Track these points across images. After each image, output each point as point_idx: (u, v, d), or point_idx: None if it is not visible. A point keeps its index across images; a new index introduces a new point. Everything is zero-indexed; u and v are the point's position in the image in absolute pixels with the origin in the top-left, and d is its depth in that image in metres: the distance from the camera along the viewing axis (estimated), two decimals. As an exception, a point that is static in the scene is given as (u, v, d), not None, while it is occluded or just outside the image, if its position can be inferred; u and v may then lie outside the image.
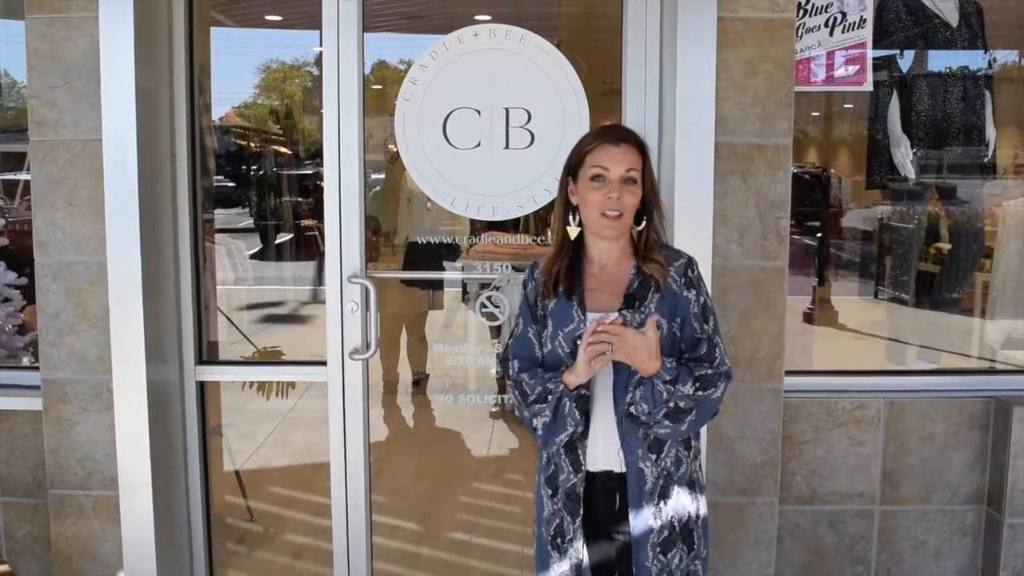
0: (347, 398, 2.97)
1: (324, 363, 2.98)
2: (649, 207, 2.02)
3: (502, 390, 3.68)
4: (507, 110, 2.90)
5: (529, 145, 2.89)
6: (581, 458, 2.02)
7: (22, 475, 2.97)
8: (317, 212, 7.14)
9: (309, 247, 6.88)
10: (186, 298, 2.99)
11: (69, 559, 2.90)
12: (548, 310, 2.05)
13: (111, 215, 2.73)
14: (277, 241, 6.97)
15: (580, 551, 2.05)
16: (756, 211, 2.73)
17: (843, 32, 2.92)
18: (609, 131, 2.07)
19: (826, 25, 2.92)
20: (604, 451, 2.02)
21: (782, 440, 2.83)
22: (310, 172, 7.02)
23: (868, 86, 2.97)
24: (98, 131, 2.72)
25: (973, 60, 3.35)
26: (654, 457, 1.99)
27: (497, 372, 3.41)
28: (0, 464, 2.98)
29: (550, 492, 2.08)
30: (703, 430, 2.68)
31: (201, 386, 3.05)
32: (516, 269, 3.02)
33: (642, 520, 2.01)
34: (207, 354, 3.11)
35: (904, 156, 3.25)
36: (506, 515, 3.84)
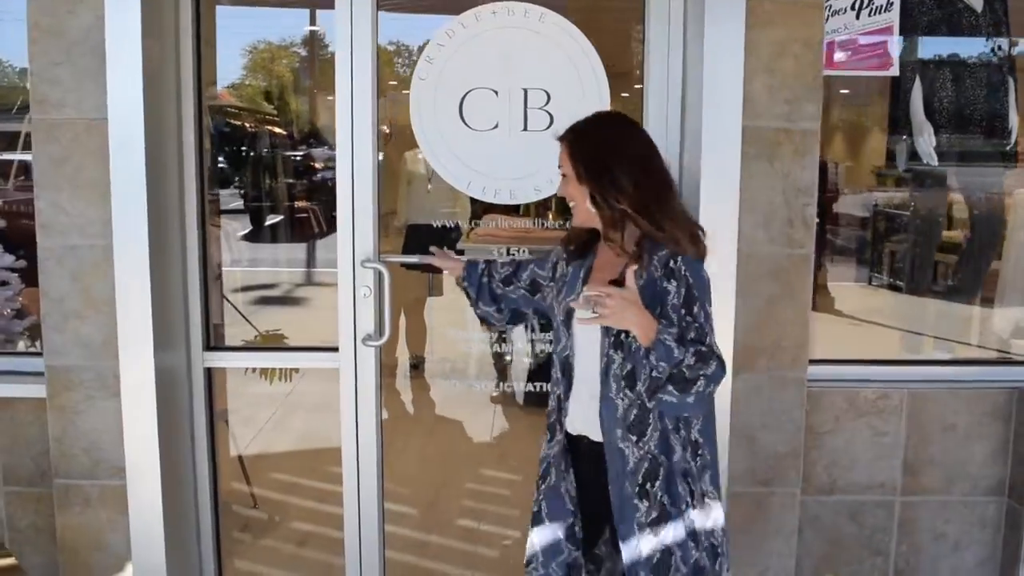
0: (359, 385, 2.90)
1: (336, 349, 2.90)
2: (588, 188, 2.06)
3: (502, 375, 3.65)
4: (525, 91, 2.82)
5: (548, 127, 2.81)
6: (564, 416, 2.17)
7: (25, 464, 2.88)
8: (311, 194, 7.06)
9: (303, 229, 6.80)
10: (193, 281, 2.91)
11: (76, 550, 2.83)
12: (562, 274, 2.25)
13: (117, 196, 2.64)
14: (268, 223, 6.88)
15: (570, 503, 2.16)
16: (783, 197, 2.67)
17: (869, 15, 2.85)
18: None
19: (852, 8, 2.85)
20: (583, 416, 2.11)
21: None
22: (302, 153, 6.93)
23: (894, 71, 2.92)
24: (103, 109, 2.62)
25: (997, 46, 3.30)
26: (634, 439, 2.01)
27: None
28: (2, 453, 2.89)
29: (548, 437, 2.22)
30: (727, 420, 2.64)
31: (208, 372, 2.98)
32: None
33: (621, 499, 2.04)
34: (214, 339, 3.04)
35: (928, 143, 3.20)
36: (508, 500, 3.80)
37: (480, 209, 3.17)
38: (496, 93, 2.83)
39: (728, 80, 2.58)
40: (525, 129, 2.83)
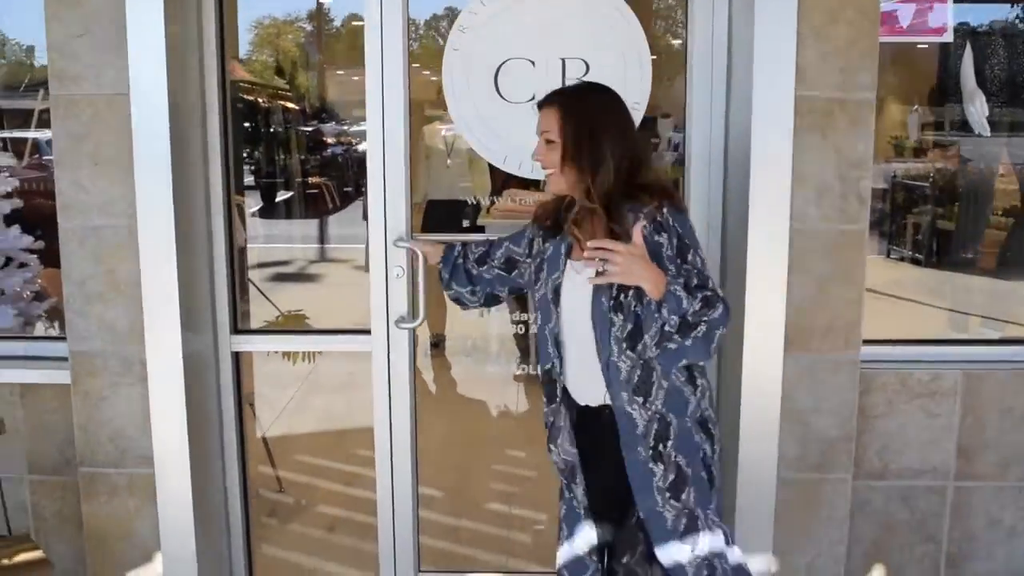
0: (392, 369, 2.80)
1: (367, 331, 2.80)
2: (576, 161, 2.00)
3: (524, 353, 3.56)
4: (563, 61, 2.70)
5: (587, 99, 2.69)
6: (557, 390, 2.14)
7: (49, 452, 2.80)
8: (322, 169, 6.93)
9: (316, 204, 6.70)
10: (220, 262, 2.81)
11: (102, 539, 2.75)
12: (540, 251, 2.19)
13: (140, 174, 2.54)
14: (280, 198, 6.78)
15: (577, 475, 2.15)
16: (836, 171, 2.55)
17: (923, -21, 2.72)
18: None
19: (907, -29, 2.72)
20: (592, 385, 2.06)
21: (853, 413, 2.69)
22: (312, 128, 6.81)
23: (948, 36, 2.79)
24: (124, 84, 2.51)
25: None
26: (641, 400, 1.99)
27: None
28: (26, 440, 2.80)
29: (546, 403, 2.20)
30: (777, 404, 2.55)
31: (236, 356, 2.88)
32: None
33: (637, 465, 2.01)
34: (240, 322, 2.94)
35: (979, 112, 3.06)
36: (536, 481, 3.72)
37: (500, 184, 3.06)
38: (533, 63, 2.71)
39: (780, 47, 2.45)
40: (563, 101, 2.70)
